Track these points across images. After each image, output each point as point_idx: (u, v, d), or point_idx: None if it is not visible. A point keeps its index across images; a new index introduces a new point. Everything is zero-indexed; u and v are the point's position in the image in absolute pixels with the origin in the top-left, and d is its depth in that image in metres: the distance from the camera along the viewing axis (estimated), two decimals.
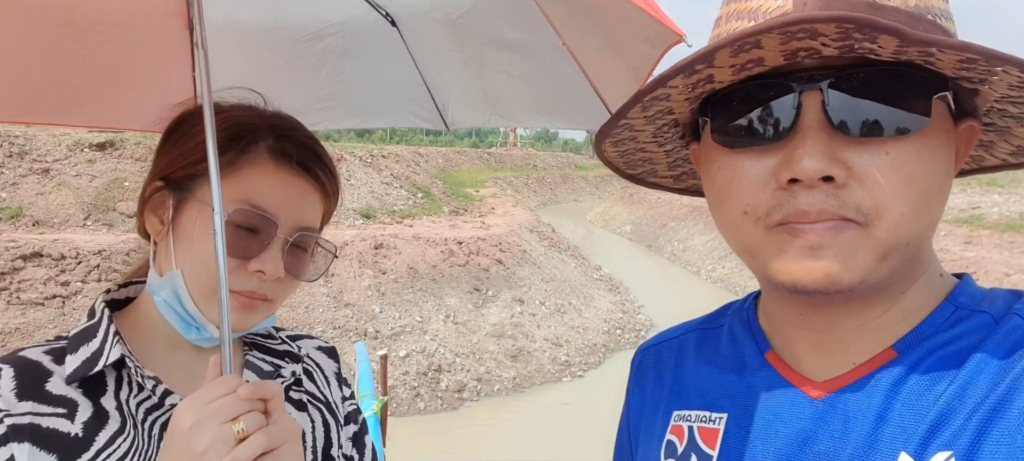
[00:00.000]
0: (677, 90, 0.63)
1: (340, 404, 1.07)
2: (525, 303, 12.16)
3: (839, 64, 0.57)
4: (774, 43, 0.55)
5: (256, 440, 0.75)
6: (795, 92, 0.57)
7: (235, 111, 0.94)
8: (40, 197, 11.00)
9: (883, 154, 0.56)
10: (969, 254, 12.97)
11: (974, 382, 0.56)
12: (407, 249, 12.22)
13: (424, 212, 15.97)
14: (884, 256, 0.58)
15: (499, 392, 9.81)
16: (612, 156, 0.77)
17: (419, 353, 9.94)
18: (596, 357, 11.32)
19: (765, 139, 0.59)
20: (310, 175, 0.92)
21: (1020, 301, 0.61)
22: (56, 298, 8.84)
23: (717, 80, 0.61)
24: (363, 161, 17.48)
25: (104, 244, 9.66)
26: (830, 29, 0.52)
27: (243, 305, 0.89)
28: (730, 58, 0.57)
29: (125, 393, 0.88)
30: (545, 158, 48.96)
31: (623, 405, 0.88)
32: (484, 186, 27.01)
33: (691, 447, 0.71)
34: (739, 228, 0.62)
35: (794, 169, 0.56)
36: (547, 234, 17.45)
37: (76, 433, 0.83)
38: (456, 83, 1.44)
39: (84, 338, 0.88)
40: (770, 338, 0.71)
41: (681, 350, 0.81)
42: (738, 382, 0.70)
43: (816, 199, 0.57)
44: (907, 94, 0.56)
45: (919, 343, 0.61)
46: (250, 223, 0.88)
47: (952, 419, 0.55)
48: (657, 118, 0.68)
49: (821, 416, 0.62)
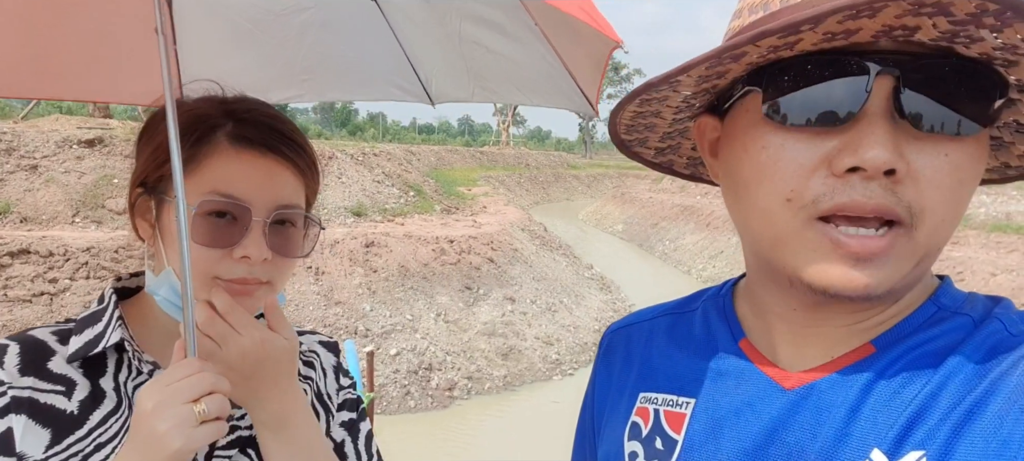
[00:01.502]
0: (758, 50, 0.55)
1: (334, 395, 1.09)
2: (516, 302, 12.16)
3: (915, 52, 0.53)
4: (891, 14, 0.49)
5: (219, 423, 0.77)
6: (870, 74, 0.52)
7: (192, 105, 0.96)
8: (28, 194, 10.90)
9: (942, 155, 0.53)
10: (956, 254, 13.08)
11: (950, 383, 0.55)
12: (398, 247, 12.19)
13: (416, 210, 15.94)
14: (918, 263, 0.56)
15: (490, 390, 9.82)
16: (627, 115, 0.70)
17: (410, 351, 9.92)
18: (587, 356, 11.33)
19: (825, 120, 0.54)
20: (275, 153, 0.92)
21: (999, 305, 0.61)
22: (44, 295, 8.77)
23: (796, 48, 0.55)
24: (354, 159, 17.42)
25: (93, 241, 9.58)
26: (966, 6, 0.47)
27: (239, 292, 0.90)
28: (836, 24, 0.51)
29: (124, 375, 0.92)
30: (537, 157, 48.94)
31: (588, 384, 0.87)
32: (476, 185, 26.97)
33: (656, 430, 0.69)
34: (775, 215, 0.58)
35: (860, 157, 0.52)
36: (539, 233, 17.46)
37: (71, 410, 0.87)
38: (438, 57, 1.43)
39: (90, 321, 0.93)
40: (746, 327, 0.70)
41: (651, 333, 0.79)
42: (708, 368, 0.69)
43: (874, 192, 0.53)
44: (976, 96, 0.53)
45: (899, 341, 0.60)
46: (222, 210, 0.89)
47: (926, 419, 0.54)
48: (705, 80, 0.62)
49: (793, 407, 0.60)
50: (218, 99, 0.97)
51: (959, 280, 12.29)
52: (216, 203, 0.89)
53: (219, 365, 0.85)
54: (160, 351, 0.95)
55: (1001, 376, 0.54)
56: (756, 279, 0.69)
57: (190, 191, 0.88)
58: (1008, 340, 0.56)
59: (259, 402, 0.88)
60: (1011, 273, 11.97)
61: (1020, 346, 0.55)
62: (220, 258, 0.89)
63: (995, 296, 0.63)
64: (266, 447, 0.90)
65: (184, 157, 0.88)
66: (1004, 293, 6.27)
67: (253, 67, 0.98)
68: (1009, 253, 13.12)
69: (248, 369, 0.86)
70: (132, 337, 0.93)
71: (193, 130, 0.91)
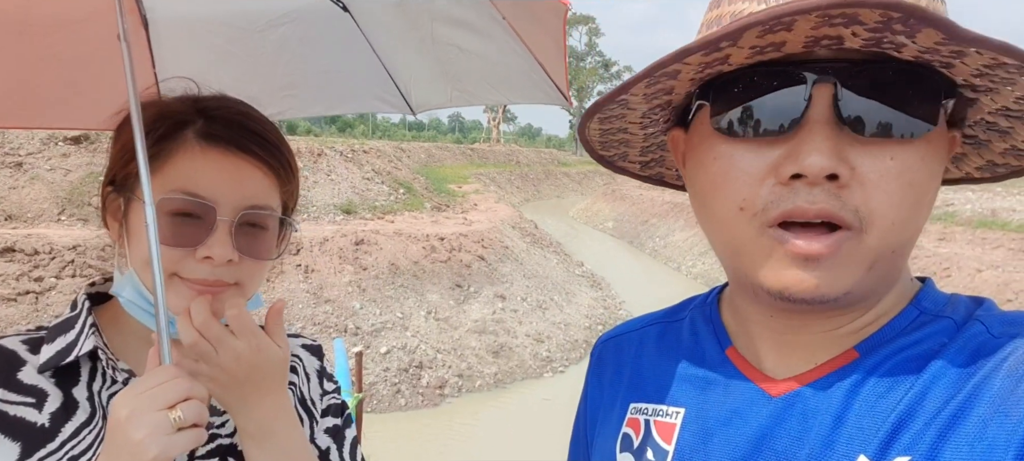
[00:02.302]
0: (691, 68, 0.58)
1: (318, 400, 1.07)
2: (507, 299, 12.16)
3: (854, 59, 0.54)
4: (804, 27, 0.51)
5: (196, 430, 0.75)
6: (807, 83, 0.54)
7: (164, 102, 0.94)
8: (13, 191, 10.78)
9: (888, 158, 0.54)
10: (942, 250, 13.22)
11: (935, 387, 0.56)
12: (388, 245, 12.15)
13: (406, 208, 15.89)
14: (871, 266, 0.56)
15: (480, 388, 9.81)
16: (594, 133, 0.73)
17: (400, 349, 9.90)
18: (577, 353, 11.35)
19: (769, 130, 0.56)
20: (244, 151, 0.90)
21: (981, 307, 0.61)
22: (29, 294, 8.67)
23: (731, 62, 0.57)
24: (344, 156, 17.35)
25: (79, 239, 9.49)
26: (871, 16, 0.48)
27: (201, 293, 0.87)
28: (756, 38, 0.53)
29: (98, 384, 0.89)
30: (528, 154, 48.98)
31: (581, 396, 0.87)
32: (467, 182, 26.95)
33: (647, 441, 0.70)
34: (731, 224, 0.60)
35: (800, 164, 0.54)
36: (529, 230, 17.47)
37: (42, 423, 0.84)
38: (414, 64, 1.43)
39: (62, 329, 0.90)
40: (732, 335, 0.70)
41: (641, 343, 0.80)
42: (697, 377, 0.69)
43: (817, 197, 0.54)
44: (919, 98, 0.54)
45: (882, 346, 0.60)
46: (185, 209, 0.86)
47: (912, 424, 0.55)
48: (654, 97, 0.65)
49: (780, 415, 0.61)
50: (192, 97, 0.94)
51: (945, 276, 12.43)
52: (179, 202, 0.86)
53: (212, 368, 0.84)
54: (136, 358, 0.92)
55: (984, 379, 0.54)
56: (734, 288, 0.70)
57: (156, 189, 0.85)
58: (990, 342, 0.57)
59: (246, 409, 0.86)
60: (996, 269, 12.11)
61: (1002, 348, 0.55)
62: (182, 257, 0.86)
63: (977, 297, 0.63)
64: (250, 456, 0.88)
65: (151, 154, 0.86)
66: (989, 289, 6.36)
67: (233, 86, 0.98)
68: (994, 249, 13.27)
69: (241, 374, 0.84)
70: (106, 344, 0.90)
71: (161, 126, 0.89)
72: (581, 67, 75.15)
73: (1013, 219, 14.22)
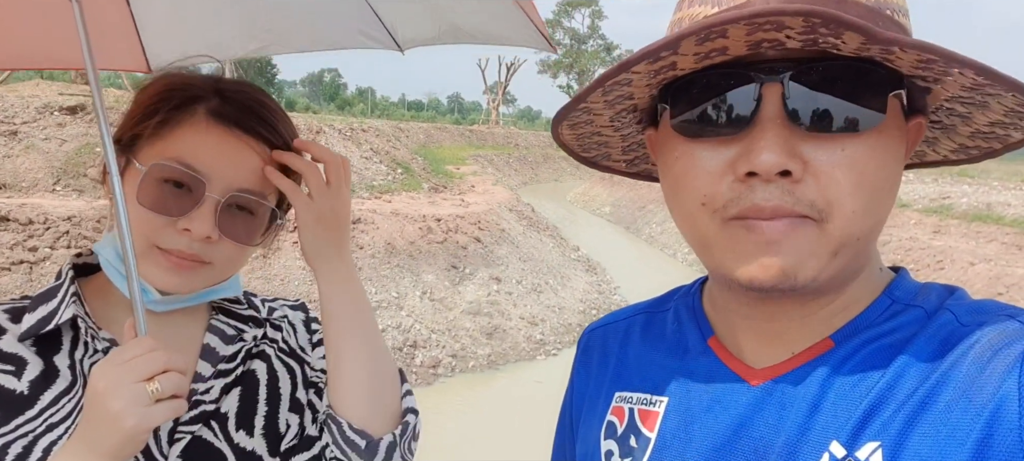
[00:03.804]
0: (640, 76, 0.62)
1: (308, 345, 1.09)
2: (502, 282, 12.19)
3: (801, 57, 0.56)
4: (739, 33, 0.54)
5: (175, 401, 0.77)
6: (756, 83, 0.57)
7: (187, 76, 0.96)
8: (7, 160, 10.71)
9: (839, 150, 0.56)
10: (937, 243, 13.27)
11: (905, 375, 0.58)
12: (385, 225, 12.15)
13: (403, 188, 15.87)
14: (836, 253, 0.58)
15: (473, 369, 9.87)
16: (568, 138, 0.76)
17: (395, 328, 9.93)
18: (571, 336, 11.41)
19: (724, 130, 0.59)
20: (250, 135, 0.91)
21: (952, 297, 0.63)
22: (23, 264, 8.65)
23: (680, 67, 0.60)
24: (343, 134, 17.27)
25: (74, 210, 9.45)
26: (796, 22, 0.52)
27: (175, 265, 0.88)
28: (695, 47, 0.56)
29: (80, 353, 0.90)
30: (527, 137, 48.82)
31: (567, 385, 0.89)
32: (465, 163, 26.87)
33: (631, 429, 0.72)
34: (695, 220, 0.62)
35: (752, 162, 0.56)
36: (526, 213, 17.47)
37: (21, 390, 0.84)
38: (399, 2, 1.41)
39: (45, 298, 0.90)
40: (714, 325, 0.72)
41: (627, 332, 0.81)
42: (680, 367, 0.71)
43: (772, 194, 0.57)
44: (865, 91, 0.56)
45: (855, 335, 0.62)
46: (175, 178, 0.87)
47: (882, 410, 0.57)
48: (616, 103, 0.68)
49: (758, 403, 0.63)
50: (215, 78, 0.96)
51: (939, 269, 12.48)
52: (170, 170, 0.87)
53: (308, 214, 0.91)
54: (119, 328, 0.92)
55: (951, 366, 0.56)
56: (711, 279, 0.72)
57: (155, 154, 0.87)
58: (958, 330, 0.59)
59: (342, 254, 0.96)
60: (990, 262, 12.17)
61: (969, 336, 0.57)
62: (163, 226, 0.87)
63: (949, 286, 0.65)
64: (332, 300, 0.95)
65: (160, 120, 0.88)
66: (982, 282, 6.40)
67: (211, 23, 0.98)
68: (988, 243, 13.33)
69: (333, 223, 0.94)
70: (89, 314, 0.91)
71: (176, 97, 0.90)
72: (583, 50, 74.71)
73: (1007, 213, 14.27)
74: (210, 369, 0.97)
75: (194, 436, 0.91)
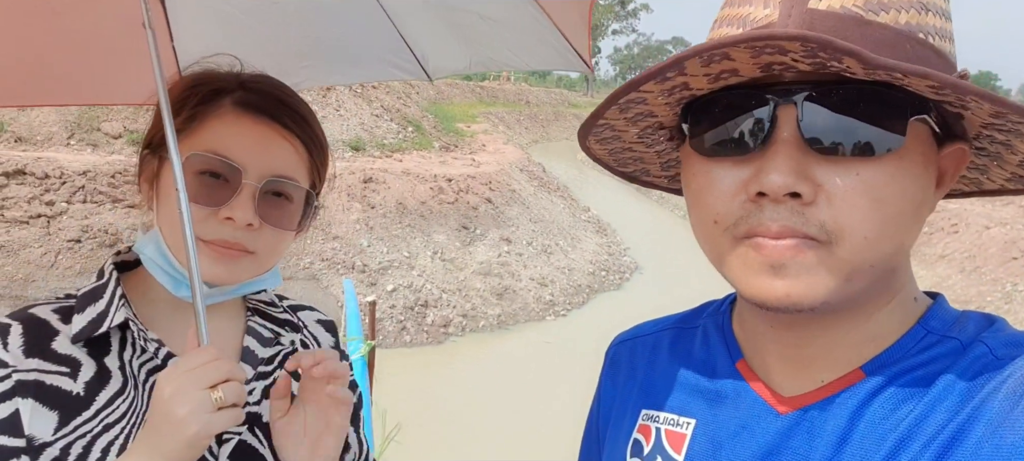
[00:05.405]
0: (653, 95, 0.62)
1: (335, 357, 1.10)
2: (512, 242, 12.23)
3: (819, 79, 0.56)
4: (744, 56, 0.54)
5: (235, 410, 0.79)
6: (770, 105, 0.56)
7: (208, 71, 0.97)
8: (22, 114, 10.76)
9: (853, 174, 0.55)
10: (952, 206, 13.13)
11: (936, 409, 0.57)
12: (396, 184, 12.16)
13: (414, 146, 15.82)
14: (849, 278, 0.57)
15: (483, 328, 9.98)
16: (600, 153, 0.76)
17: (406, 288, 10.03)
18: (580, 297, 11.48)
19: (739, 150, 0.59)
20: (277, 122, 0.92)
21: (990, 328, 0.61)
22: (41, 217, 8.77)
23: (693, 88, 0.60)
24: (352, 91, 17.17)
25: (89, 164, 9.52)
26: (796, 46, 0.51)
27: (220, 255, 0.90)
28: (702, 68, 0.56)
29: (129, 354, 0.91)
30: (538, 94, 48.25)
31: (594, 396, 0.89)
32: (476, 121, 26.68)
33: (657, 449, 0.72)
34: (710, 236, 0.63)
35: (762, 183, 0.56)
36: (537, 174, 17.41)
37: (78, 392, 0.86)
38: (431, 31, 1.43)
39: (91, 298, 0.91)
40: (743, 346, 0.71)
41: (655, 348, 0.81)
42: (709, 389, 0.71)
43: (780, 215, 0.56)
44: (882, 114, 0.55)
45: (887, 366, 0.61)
46: (212, 169, 0.89)
47: (911, 444, 0.56)
48: (639, 120, 0.68)
49: (787, 432, 0.63)
50: (235, 72, 0.97)
51: (953, 232, 12.38)
52: (206, 161, 0.89)
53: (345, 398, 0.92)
54: (164, 327, 0.94)
55: (983, 402, 0.55)
56: (738, 299, 0.72)
57: (186, 149, 0.88)
58: (993, 364, 0.57)
59: (338, 440, 0.94)
60: (1005, 226, 12.05)
61: (1003, 370, 0.56)
62: (205, 217, 0.88)
63: (989, 315, 0.63)
64: None
65: (187, 115, 0.90)
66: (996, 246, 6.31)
67: (249, 56, 1.00)
68: (1004, 206, 13.18)
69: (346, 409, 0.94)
70: (135, 315, 0.92)
71: (201, 91, 0.91)
72: (596, 4, 73.27)
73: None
74: (251, 372, 0.98)
75: (240, 439, 0.93)
